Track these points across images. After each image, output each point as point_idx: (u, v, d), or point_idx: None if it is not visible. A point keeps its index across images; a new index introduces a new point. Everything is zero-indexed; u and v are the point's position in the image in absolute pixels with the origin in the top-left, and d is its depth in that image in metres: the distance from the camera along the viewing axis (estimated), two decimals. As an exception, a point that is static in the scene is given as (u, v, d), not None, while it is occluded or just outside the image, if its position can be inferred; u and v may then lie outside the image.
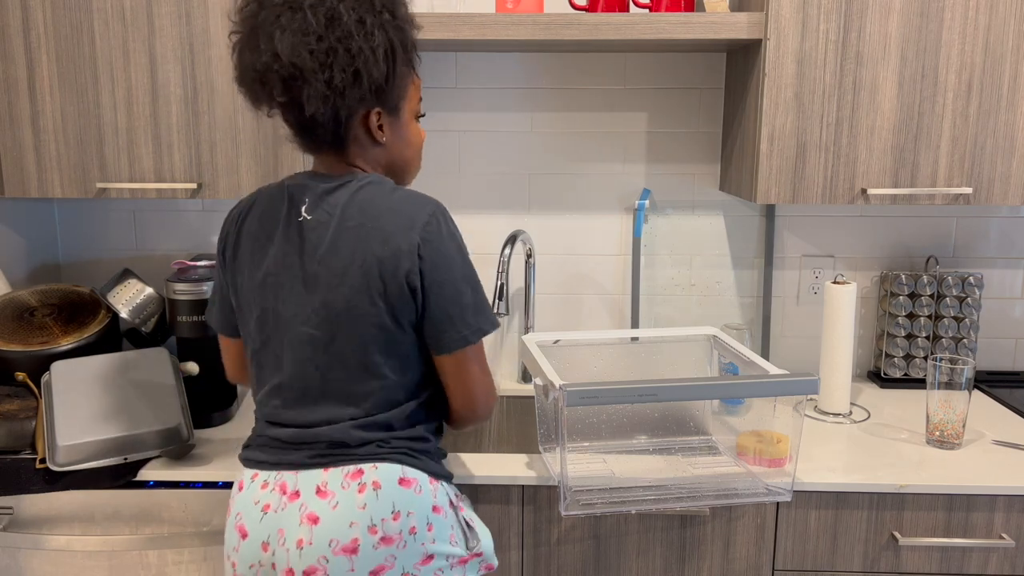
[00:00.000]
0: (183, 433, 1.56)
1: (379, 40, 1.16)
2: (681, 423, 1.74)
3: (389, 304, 1.18)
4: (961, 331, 1.95)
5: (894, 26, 1.59)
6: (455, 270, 1.20)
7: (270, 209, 1.25)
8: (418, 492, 1.22)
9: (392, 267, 1.17)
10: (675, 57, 1.94)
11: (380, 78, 1.17)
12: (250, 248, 1.26)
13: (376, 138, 1.23)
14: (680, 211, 2.01)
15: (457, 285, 1.20)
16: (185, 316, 1.71)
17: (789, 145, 1.64)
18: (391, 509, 1.19)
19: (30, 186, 1.69)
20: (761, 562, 1.53)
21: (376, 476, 1.21)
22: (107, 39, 1.63)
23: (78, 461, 1.50)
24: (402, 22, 1.20)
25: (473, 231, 2.02)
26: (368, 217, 1.18)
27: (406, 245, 1.17)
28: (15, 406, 1.62)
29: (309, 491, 1.20)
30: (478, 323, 1.23)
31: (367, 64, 1.15)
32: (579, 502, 1.45)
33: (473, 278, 1.23)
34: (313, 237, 1.20)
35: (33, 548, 1.49)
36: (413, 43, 1.22)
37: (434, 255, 1.18)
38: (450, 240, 1.20)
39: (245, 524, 1.23)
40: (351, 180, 1.22)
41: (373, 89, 1.18)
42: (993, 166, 1.64)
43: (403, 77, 1.22)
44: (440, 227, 1.20)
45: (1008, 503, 1.48)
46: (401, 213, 1.18)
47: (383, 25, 1.16)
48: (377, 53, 1.15)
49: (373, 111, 1.21)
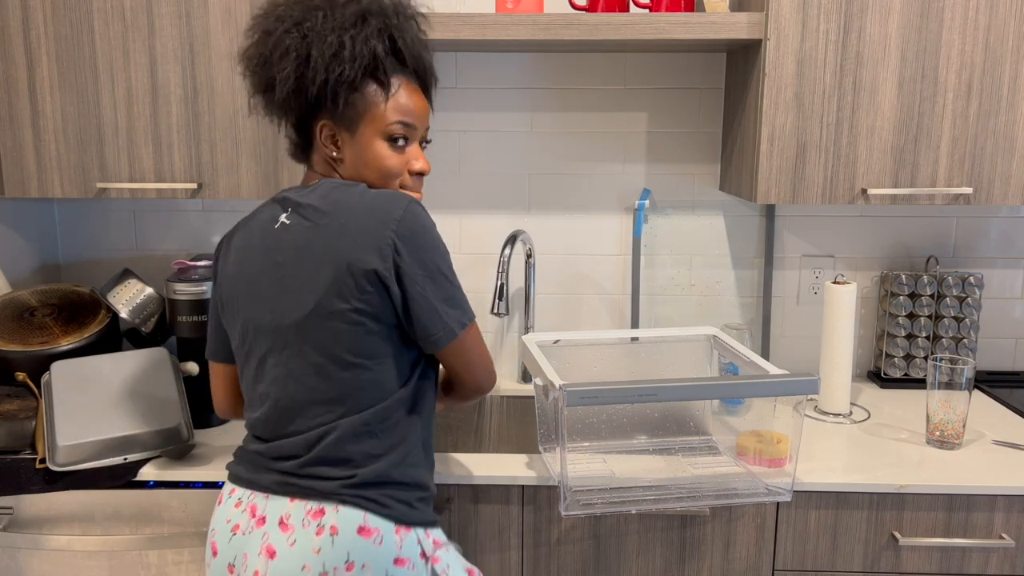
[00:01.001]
0: (183, 433, 1.56)
1: (297, 50, 1.17)
2: (681, 423, 1.74)
3: (360, 299, 1.16)
4: (961, 331, 1.95)
5: (894, 26, 1.59)
6: (430, 263, 1.18)
7: (256, 222, 1.25)
8: (378, 543, 1.16)
9: (362, 262, 1.14)
10: (675, 57, 1.94)
11: (318, 91, 1.17)
12: (237, 260, 1.25)
13: (328, 152, 1.23)
14: (680, 211, 2.01)
15: (435, 278, 1.18)
16: (185, 316, 1.71)
17: (789, 145, 1.64)
18: (345, 559, 1.14)
19: (30, 186, 1.69)
20: (761, 562, 1.53)
21: (335, 521, 1.16)
22: (107, 39, 1.63)
23: (78, 461, 1.50)
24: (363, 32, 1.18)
25: (473, 231, 2.03)
26: (341, 215, 1.17)
27: (380, 240, 1.15)
28: (15, 406, 1.62)
29: (273, 520, 1.18)
30: (458, 316, 1.21)
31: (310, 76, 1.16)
32: (579, 502, 1.45)
33: (449, 271, 1.20)
34: (289, 240, 1.19)
35: (33, 548, 1.49)
36: (384, 67, 1.20)
37: (411, 247, 1.16)
38: (424, 235, 1.18)
39: (216, 542, 1.22)
40: (322, 185, 1.22)
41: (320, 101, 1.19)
42: (993, 166, 1.64)
43: (360, 93, 1.20)
44: (414, 221, 1.17)
45: (1008, 503, 1.48)
46: (374, 208, 1.16)
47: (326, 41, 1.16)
48: (287, 65, 1.17)
49: (320, 123, 1.21)
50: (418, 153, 1.27)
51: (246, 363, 1.25)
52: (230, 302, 1.26)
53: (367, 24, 1.18)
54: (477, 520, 1.52)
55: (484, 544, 1.53)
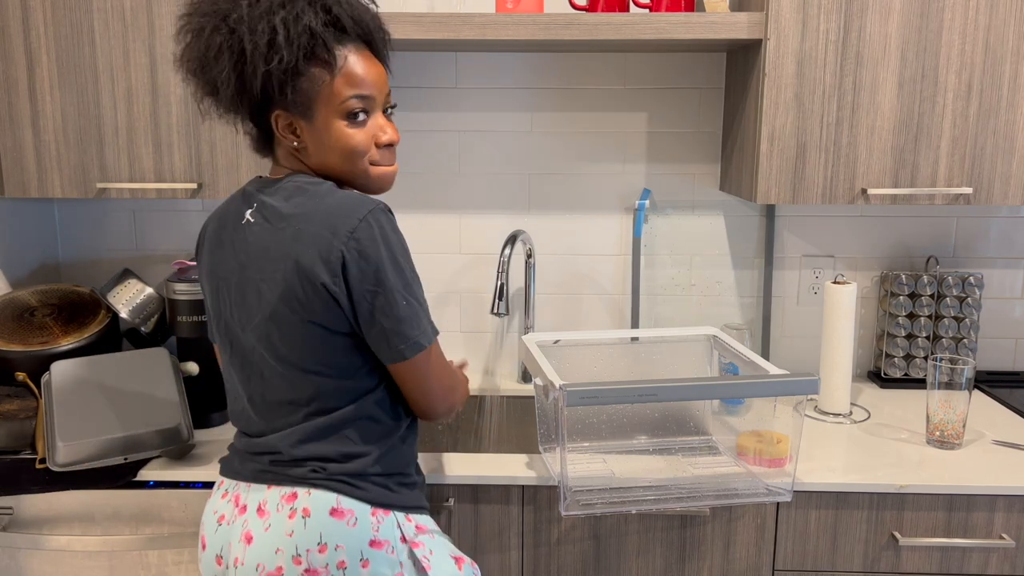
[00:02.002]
0: (183, 433, 1.56)
1: (230, 47, 1.10)
2: (681, 423, 1.74)
3: (310, 309, 1.12)
4: (961, 331, 1.95)
5: (894, 26, 1.59)
6: (387, 280, 1.11)
7: (227, 214, 1.23)
8: (351, 524, 1.15)
9: (315, 276, 1.10)
10: (675, 57, 1.94)
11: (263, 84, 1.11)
12: (209, 255, 1.24)
13: (288, 142, 1.17)
14: (680, 211, 2.01)
15: (389, 296, 1.12)
16: (185, 316, 1.71)
17: (789, 145, 1.64)
18: (317, 540, 1.13)
19: (30, 186, 1.69)
20: (761, 562, 1.53)
21: (308, 503, 1.15)
22: (107, 39, 1.63)
23: (78, 461, 1.50)
24: (292, 12, 1.09)
25: (473, 231, 2.03)
26: (298, 221, 1.12)
27: (329, 253, 1.09)
28: (15, 406, 1.62)
29: (253, 507, 1.18)
30: (415, 337, 1.14)
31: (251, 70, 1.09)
32: (579, 502, 1.45)
33: (408, 288, 1.13)
34: (252, 240, 1.16)
35: (33, 548, 1.49)
36: (325, 42, 1.11)
37: (363, 261, 1.10)
38: (382, 246, 1.11)
39: (205, 535, 1.23)
40: (288, 182, 1.17)
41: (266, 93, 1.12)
42: (993, 166, 1.64)
43: (305, 76, 1.11)
44: (371, 232, 1.10)
45: (1008, 503, 1.48)
46: (330, 217, 1.11)
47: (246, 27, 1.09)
48: (223, 64, 1.10)
49: (275, 114, 1.15)
50: (383, 124, 1.18)
51: (223, 354, 1.26)
52: (210, 293, 1.25)
53: (295, 1, 1.09)
54: (477, 520, 1.52)
55: (484, 544, 1.53)
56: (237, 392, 1.25)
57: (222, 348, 1.26)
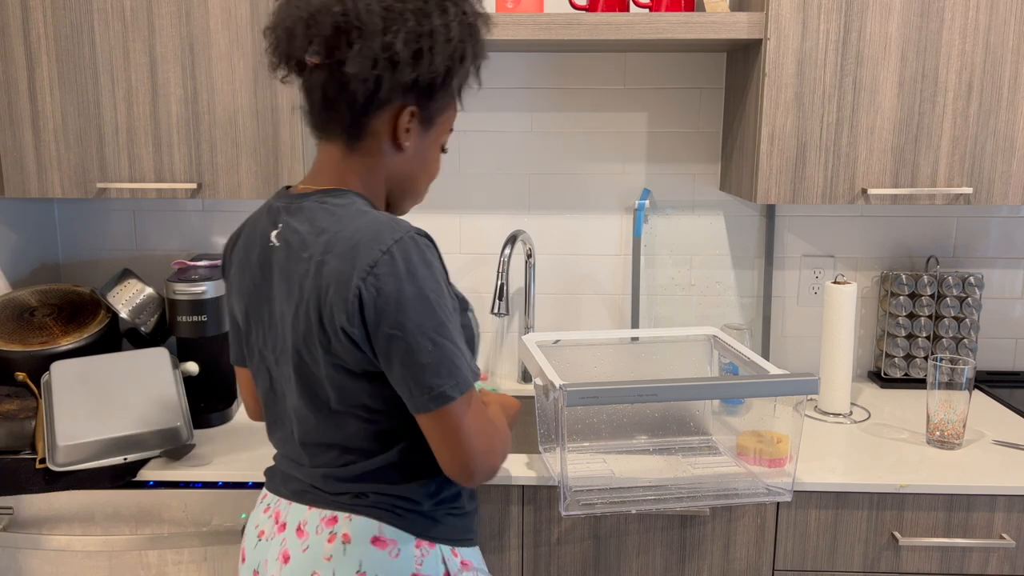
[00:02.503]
0: (183, 433, 1.56)
1: (454, 36, 1.04)
2: (681, 423, 1.74)
3: (332, 351, 1.03)
4: (961, 331, 1.95)
5: (894, 26, 1.58)
6: (408, 321, 0.99)
7: (254, 232, 1.16)
8: (393, 555, 1.08)
9: (332, 316, 1.01)
10: (675, 57, 1.94)
11: (434, 75, 1.05)
12: (237, 275, 1.18)
13: (399, 141, 1.09)
14: (680, 211, 2.01)
15: (411, 340, 0.99)
16: (185, 316, 1.71)
17: (789, 145, 1.63)
18: (356, 568, 1.07)
19: (30, 186, 1.69)
20: (761, 562, 1.53)
21: (348, 529, 1.09)
22: (107, 39, 1.63)
23: (78, 461, 1.50)
24: (479, 44, 1.09)
25: (473, 231, 2.02)
26: (320, 250, 1.03)
27: (347, 291, 0.99)
28: (15, 406, 1.62)
29: (292, 526, 1.13)
30: (440, 386, 1.01)
31: (431, 51, 1.02)
32: (579, 502, 1.45)
33: (438, 329, 1.01)
34: (277, 269, 1.09)
35: (33, 548, 1.49)
36: (477, 70, 1.11)
37: (382, 302, 0.99)
38: (407, 283, 0.99)
39: (245, 548, 1.20)
40: (313, 200, 1.08)
41: (422, 83, 1.05)
42: (993, 166, 1.64)
43: (450, 95, 1.10)
44: (393, 266, 0.99)
45: (1008, 503, 1.48)
46: (352, 248, 1.01)
47: (463, 27, 1.06)
48: (445, 47, 1.04)
49: (408, 108, 1.07)
50: None
51: (256, 378, 1.19)
52: (240, 314, 1.19)
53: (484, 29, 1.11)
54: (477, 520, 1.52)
55: (484, 544, 1.52)
56: (276, 418, 1.18)
57: (256, 374, 1.19)
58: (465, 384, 1.03)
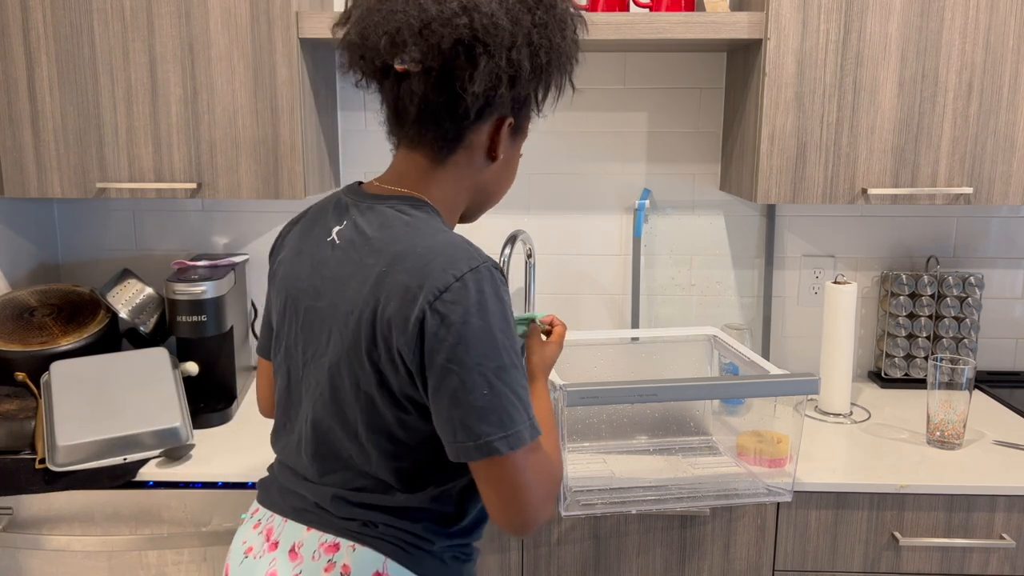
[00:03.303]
0: (183, 433, 1.56)
1: (571, 52, 1.02)
2: (681, 423, 1.74)
3: (379, 369, 0.96)
4: (962, 331, 1.95)
5: (894, 26, 1.58)
6: (469, 357, 0.91)
7: (315, 223, 1.09)
8: None
9: (387, 331, 0.94)
10: (675, 57, 1.94)
11: (543, 88, 1.02)
12: (287, 264, 1.10)
13: (494, 152, 1.03)
14: (680, 211, 2.01)
15: (467, 377, 0.91)
16: (185, 316, 1.70)
17: (789, 145, 1.63)
18: None
19: (30, 186, 1.69)
20: (761, 562, 1.53)
21: (349, 560, 1.00)
22: (107, 39, 1.63)
23: (77, 461, 1.49)
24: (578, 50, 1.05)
25: (473, 231, 2.02)
26: (387, 260, 0.96)
27: (411, 311, 0.92)
28: (15, 406, 1.62)
29: (285, 546, 1.05)
30: (488, 435, 0.92)
31: (548, 66, 0.99)
32: (579, 502, 1.45)
33: (498, 373, 0.92)
34: (333, 266, 1.02)
35: (33, 548, 1.49)
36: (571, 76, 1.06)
37: (445, 331, 0.91)
38: (476, 316, 0.91)
39: (230, 564, 1.11)
40: (389, 203, 1.02)
41: (532, 97, 1.02)
42: (994, 166, 1.64)
43: (530, 105, 1.05)
44: (465, 295, 0.92)
45: (1008, 503, 1.48)
46: (424, 266, 0.93)
47: (574, 45, 1.03)
48: (559, 62, 1.01)
49: (507, 120, 1.02)
50: None
51: (277, 375, 1.13)
52: (277, 307, 1.12)
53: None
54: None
55: (484, 544, 1.52)
56: (287, 422, 1.11)
57: (277, 371, 1.12)
58: (517, 440, 0.93)
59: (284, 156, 1.66)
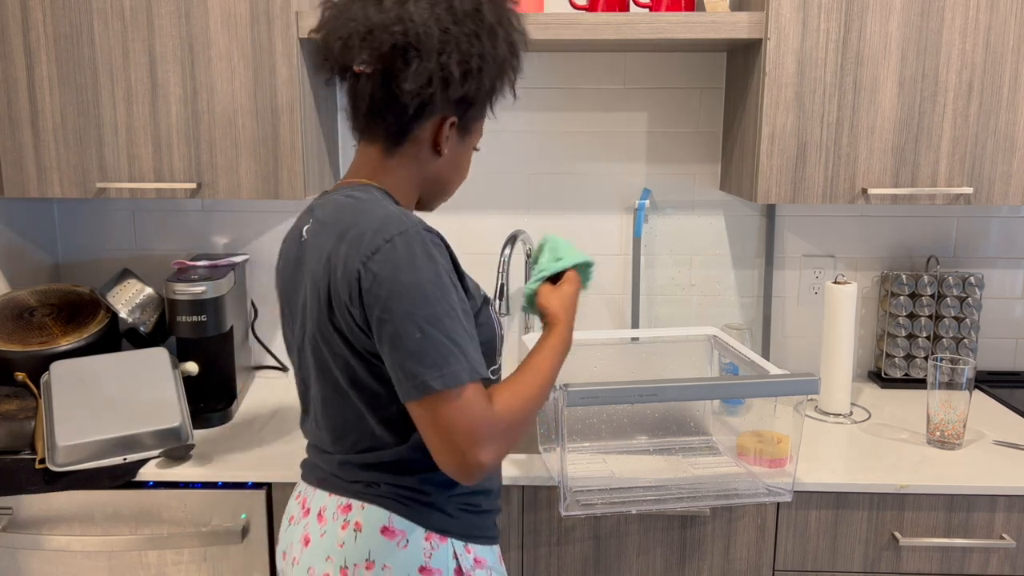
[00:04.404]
0: (183, 433, 1.56)
1: (501, 57, 1.12)
2: (681, 423, 1.74)
3: (342, 334, 1.08)
4: (962, 331, 1.95)
5: (894, 26, 1.58)
6: (397, 307, 1.01)
7: (294, 230, 1.22)
8: (402, 546, 1.11)
9: (338, 296, 1.06)
10: (675, 57, 1.94)
11: (480, 92, 1.12)
12: (279, 272, 1.24)
13: (439, 148, 1.15)
14: (680, 211, 2.01)
15: (399, 325, 1.01)
16: (184, 316, 1.70)
17: (789, 145, 1.63)
18: (366, 556, 1.10)
19: (30, 186, 1.69)
20: (761, 562, 1.53)
21: (360, 517, 1.12)
22: (107, 39, 1.63)
23: (77, 461, 1.49)
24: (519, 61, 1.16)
25: (473, 231, 2.02)
26: (337, 237, 1.08)
27: (350, 272, 1.04)
28: (14, 406, 1.62)
29: (315, 511, 1.18)
30: (422, 375, 1.00)
31: (480, 72, 1.10)
32: (579, 502, 1.45)
33: (429, 319, 1.01)
34: (306, 259, 1.15)
35: (33, 548, 1.49)
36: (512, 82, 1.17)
37: (377, 287, 1.02)
38: (404, 272, 1.02)
39: (280, 533, 1.26)
40: (340, 192, 1.15)
41: (467, 98, 1.12)
42: (994, 166, 1.64)
43: (482, 105, 1.16)
44: (394, 254, 1.02)
45: (1008, 503, 1.48)
46: (362, 235, 1.05)
47: (508, 48, 1.13)
48: (491, 68, 1.11)
49: (449, 119, 1.13)
50: None
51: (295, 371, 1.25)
52: (282, 312, 1.24)
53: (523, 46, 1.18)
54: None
55: (484, 544, 1.52)
56: (306, 406, 1.24)
57: (293, 366, 1.25)
58: (453, 378, 1.01)
59: (284, 156, 1.66)
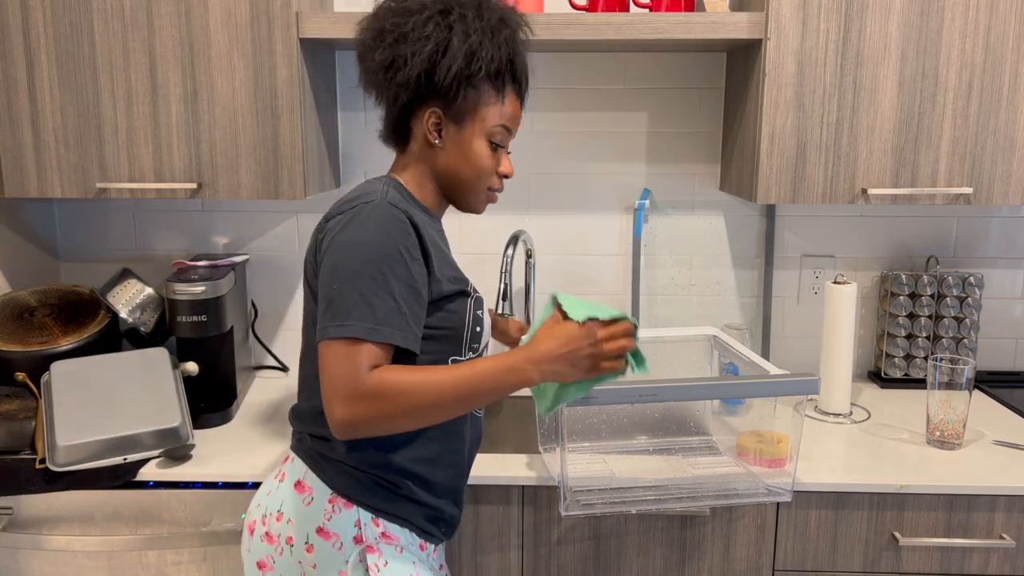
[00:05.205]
0: (183, 433, 1.56)
1: (430, 36, 1.15)
2: (681, 423, 1.74)
3: (312, 290, 1.19)
4: (961, 331, 1.95)
5: (894, 26, 1.58)
6: (329, 260, 1.11)
7: None
8: (307, 503, 1.16)
9: (311, 253, 1.19)
10: (675, 57, 1.94)
11: (413, 75, 1.16)
12: None
13: (429, 138, 1.21)
14: (680, 211, 2.01)
15: (325, 276, 1.11)
16: (185, 316, 1.70)
17: (789, 145, 1.63)
18: (278, 507, 1.18)
19: (30, 186, 1.69)
20: (761, 562, 1.53)
21: (287, 469, 1.22)
22: (107, 39, 1.63)
23: (78, 461, 1.49)
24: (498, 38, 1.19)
25: (473, 231, 2.02)
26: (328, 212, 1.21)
27: (319, 230, 1.18)
28: (15, 406, 1.62)
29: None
30: (324, 322, 1.08)
31: (408, 57, 1.16)
32: (579, 502, 1.45)
33: (352, 277, 1.08)
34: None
35: (33, 548, 1.49)
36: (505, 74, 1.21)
37: (326, 241, 1.14)
38: (348, 232, 1.11)
39: None
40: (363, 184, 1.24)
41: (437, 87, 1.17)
42: (993, 166, 1.64)
43: (477, 91, 1.20)
44: (349, 219, 1.12)
45: (1008, 503, 1.48)
46: (342, 202, 1.18)
47: (440, 29, 1.16)
48: (419, 49, 1.15)
49: (429, 110, 1.20)
50: (508, 159, 1.28)
51: None
52: None
53: (503, 30, 1.20)
54: (477, 520, 1.52)
55: (484, 544, 1.52)
56: None
57: None
58: (347, 330, 1.06)
59: (284, 156, 1.66)
